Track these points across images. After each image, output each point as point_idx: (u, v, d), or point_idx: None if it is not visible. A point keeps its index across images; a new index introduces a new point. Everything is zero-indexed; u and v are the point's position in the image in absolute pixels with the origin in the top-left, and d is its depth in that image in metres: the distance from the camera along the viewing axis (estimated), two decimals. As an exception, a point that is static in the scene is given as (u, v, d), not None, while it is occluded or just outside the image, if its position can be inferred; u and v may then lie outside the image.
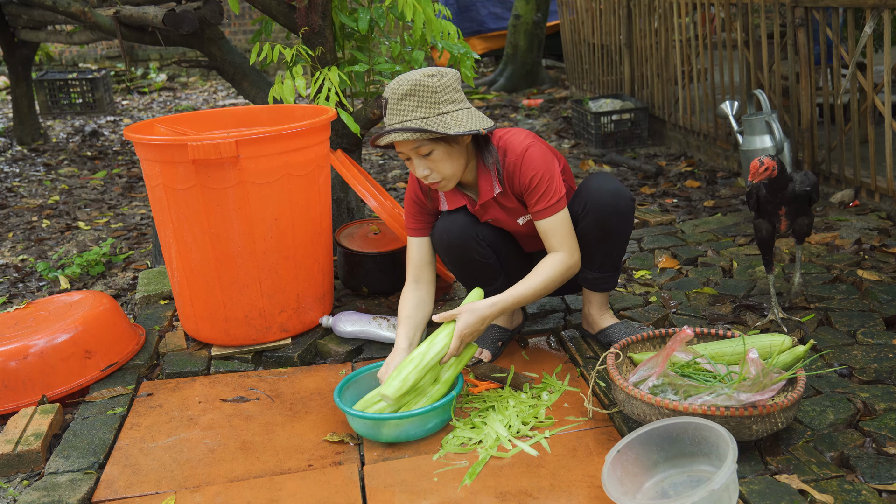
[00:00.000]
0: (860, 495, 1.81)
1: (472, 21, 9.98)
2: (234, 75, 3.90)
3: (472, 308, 2.27)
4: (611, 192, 2.38)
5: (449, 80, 2.24)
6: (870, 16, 3.39)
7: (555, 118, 6.96)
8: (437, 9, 3.43)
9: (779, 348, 2.18)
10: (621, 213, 2.40)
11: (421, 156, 2.26)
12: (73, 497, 2.01)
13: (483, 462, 2.07)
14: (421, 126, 2.19)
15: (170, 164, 2.54)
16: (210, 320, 2.72)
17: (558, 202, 2.31)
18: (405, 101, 2.20)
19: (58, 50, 11.02)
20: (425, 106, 2.20)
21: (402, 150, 2.27)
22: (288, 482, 2.06)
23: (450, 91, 2.24)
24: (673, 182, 4.64)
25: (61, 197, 5.29)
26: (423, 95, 2.20)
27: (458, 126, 2.22)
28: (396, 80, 2.24)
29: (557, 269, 2.33)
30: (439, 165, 2.27)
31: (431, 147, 2.24)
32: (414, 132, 2.19)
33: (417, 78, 2.20)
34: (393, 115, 2.23)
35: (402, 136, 2.19)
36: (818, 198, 2.60)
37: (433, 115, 2.21)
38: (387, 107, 2.24)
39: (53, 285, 3.67)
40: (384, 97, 2.25)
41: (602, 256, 2.46)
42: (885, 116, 3.43)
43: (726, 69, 4.74)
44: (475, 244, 2.44)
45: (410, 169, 2.32)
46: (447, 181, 2.32)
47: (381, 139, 2.23)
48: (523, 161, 2.32)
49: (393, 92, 2.22)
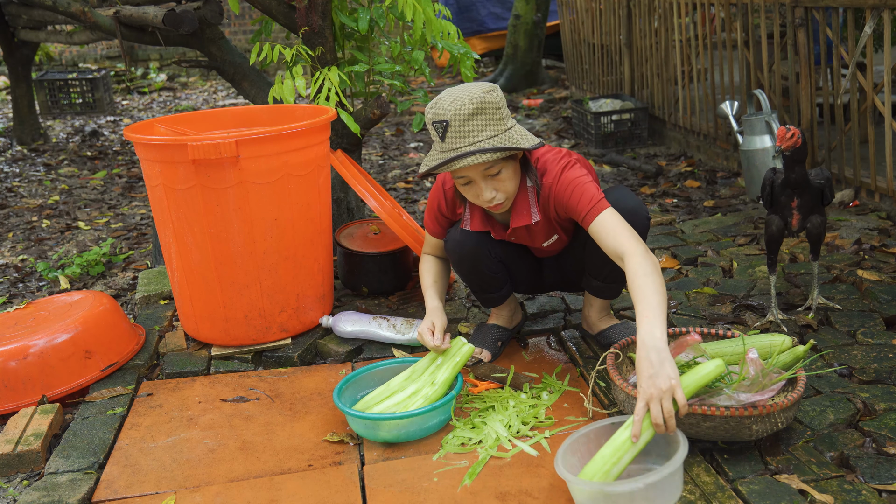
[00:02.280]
0: (860, 495, 1.81)
1: (472, 21, 9.98)
2: (234, 75, 3.90)
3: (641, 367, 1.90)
4: (627, 211, 2.26)
5: (501, 94, 2.15)
6: (870, 16, 3.39)
7: (555, 118, 6.96)
8: (437, 9, 3.43)
9: (778, 348, 2.18)
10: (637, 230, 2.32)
11: (489, 177, 2.16)
12: (73, 497, 2.01)
13: (483, 462, 2.07)
14: (494, 145, 2.09)
15: (170, 164, 2.54)
16: (210, 320, 2.72)
17: (600, 202, 2.19)
18: (473, 121, 2.08)
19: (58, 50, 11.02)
20: (493, 124, 2.10)
21: (465, 174, 2.16)
22: (288, 482, 2.06)
23: (505, 105, 2.16)
24: (673, 182, 4.65)
25: (61, 197, 5.30)
26: (489, 113, 2.10)
27: (525, 141, 2.15)
28: (452, 99, 2.09)
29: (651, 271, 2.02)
30: (506, 185, 2.19)
31: (501, 166, 2.15)
32: (493, 152, 2.07)
33: (480, 95, 2.09)
34: (459, 138, 2.09)
35: (483, 158, 2.06)
36: (832, 196, 2.57)
37: (502, 132, 2.12)
38: (448, 129, 2.09)
39: (53, 285, 3.68)
40: (444, 119, 2.09)
41: (611, 268, 2.41)
42: (885, 116, 3.43)
43: (726, 69, 4.74)
44: (486, 259, 2.44)
45: (468, 194, 2.22)
46: (509, 200, 2.24)
47: (451, 165, 2.09)
48: (560, 181, 2.24)
49: (456, 113, 2.07)
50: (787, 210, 2.58)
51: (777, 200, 2.60)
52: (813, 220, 2.59)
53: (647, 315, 1.93)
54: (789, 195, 2.56)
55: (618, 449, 1.83)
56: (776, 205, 2.61)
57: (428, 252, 2.58)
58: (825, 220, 2.61)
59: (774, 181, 2.58)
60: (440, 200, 2.44)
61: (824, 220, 2.60)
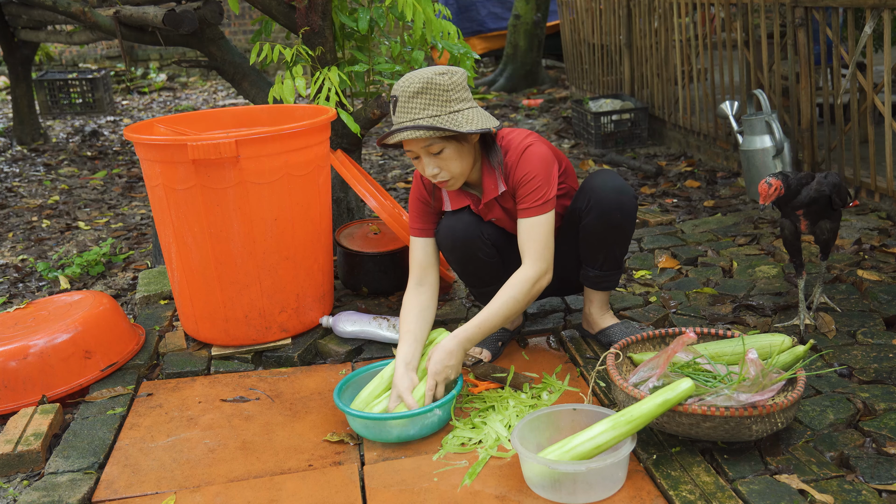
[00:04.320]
0: (860, 495, 1.81)
1: (472, 21, 9.98)
2: (234, 75, 3.90)
3: (439, 347, 2.27)
4: (615, 189, 2.38)
5: (459, 78, 2.23)
6: (870, 16, 3.39)
7: (555, 118, 6.96)
8: (437, 9, 3.43)
9: (778, 348, 2.18)
10: (625, 209, 2.40)
11: (431, 154, 2.24)
12: (73, 497, 2.01)
13: (483, 462, 2.07)
14: (433, 124, 2.18)
15: (170, 164, 2.54)
16: (210, 320, 2.72)
17: (543, 205, 2.29)
18: (417, 100, 2.19)
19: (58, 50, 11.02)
20: (437, 104, 2.19)
21: (411, 149, 2.26)
22: (288, 482, 2.06)
23: (460, 89, 2.23)
24: (673, 182, 4.64)
25: (61, 197, 5.30)
26: (434, 93, 2.19)
27: (470, 124, 2.21)
28: (406, 77, 2.22)
29: (521, 288, 2.28)
30: (449, 164, 2.26)
31: (442, 145, 2.22)
32: (426, 130, 2.17)
33: (429, 76, 2.19)
34: (403, 113, 2.21)
35: (415, 134, 2.17)
36: (843, 201, 2.53)
37: (445, 114, 2.20)
38: (396, 105, 2.22)
39: (53, 285, 3.68)
40: (394, 95, 2.23)
41: (605, 254, 2.46)
42: (885, 116, 3.43)
43: (726, 69, 4.74)
44: (480, 243, 2.44)
45: (418, 168, 2.31)
46: (455, 180, 2.31)
47: (391, 137, 2.21)
48: (521, 159, 2.32)
49: (404, 90, 2.19)
50: (794, 217, 2.56)
51: (783, 209, 2.58)
52: (822, 225, 2.55)
53: (470, 323, 2.28)
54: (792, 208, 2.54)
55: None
56: (783, 212, 2.59)
57: (413, 279, 2.46)
58: (837, 224, 2.57)
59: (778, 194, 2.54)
60: (420, 189, 2.48)
61: (835, 226, 2.57)
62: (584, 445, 1.91)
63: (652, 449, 2.04)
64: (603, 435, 1.92)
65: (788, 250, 2.63)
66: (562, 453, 1.91)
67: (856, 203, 3.70)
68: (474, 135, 2.28)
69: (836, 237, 2.60)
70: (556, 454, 1.91)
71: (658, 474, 1.94)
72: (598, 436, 1.92)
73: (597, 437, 1.92)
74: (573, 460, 1.89)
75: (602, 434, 1.92)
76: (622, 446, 1.92)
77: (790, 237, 2.59)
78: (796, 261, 2.64)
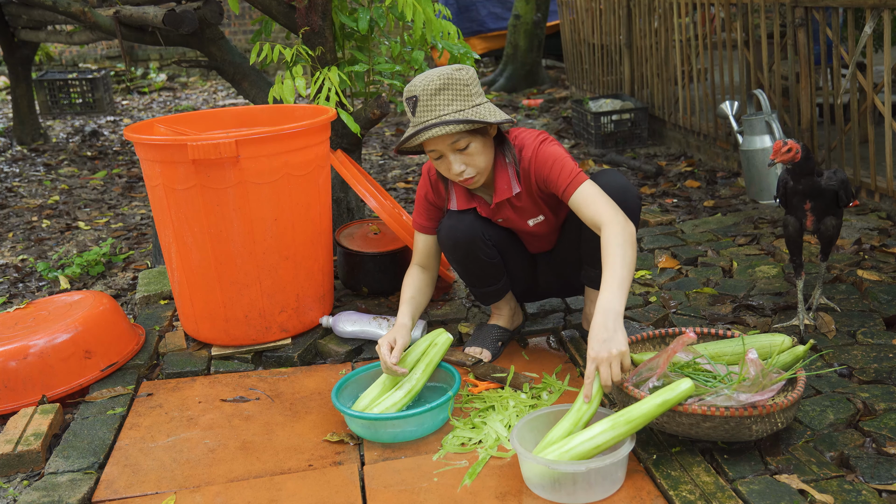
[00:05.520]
0: (860, 495, 1.81)
1: (472, 21, 9.98)
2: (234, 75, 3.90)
3: (595, 331, 2.01)
4: (619, 188, 2.36)
5: (473, 73, 2.23)
6: (870, 16, 3.39)
7: (555, 118, 6.96)
8: (437, 9, 3.43)
9: (778, 348, 2.18)
10: (629, 208, 2.38)
11: (457, 151, 2.23)
12: (73, 497, 2.01)
13: (483, 462, 2.07)
14: (459, 118, 2.16)
15: (170, 164, 2.54)
16: (210, 320, 2.72)
17: (579, 175, 2.26)
18: (439, 96, 2.17)
19: (58, 50, 11.02)
20: (460, 99, 2.18)
21: (436, 148, 2.23)
22: (288, 482, 2.06)
23: (475, 84, 2.23)
24: (673, 182, 4.64)
25: (61, 197, 5.30)
26: (456, 88, 2.18)
27: (493, 116, 2.21)
28: (422, 77, 2.19)
29: (623, 242, 2.11)
30: (476, 159, 2.25)
31: (469, 140, 2.21)
32: (458, 124, 2.15)
33: (447, 72, 2.18)
34: (427, 112, 2.18)
35: (445, 130, 2.15)
36: (849, 199, 2.53)
37: (468, 108, 2.19)
38: (417, 104, 2.19)
39: (53, 285, 3.68)
40: (411, 95, 2.20)
41: None
42: (885, 116, 3.43)
43: (726, 69, 4.74)
44: (481, 243, 2.44)
45: (441, 169, 2.29)
46: (481, 175, 2.30)
47: (417, 138, 2.17)
48: (538, 154, 2.31)
49: (424, 88, 2.17)
50: (801, 212, 2.55)
51: (790, 202, 2.57)
52: (827, 221, 2.55)
53: (611, 286, 2.06)
54: (802, 198, 2.53)
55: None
56: (790, 206, 2.58)
57: (416, 262, 2.55)
58: (840, 222, 2.57)
59: (787, 183, 2.55)
60: (427, 189, 2.48)
61: (839, 223, 2.57)
62: (584, 445, 1.91)
63: (652, 449, 2.04)
64: (602, 435, 1.92)
65: (790, 248, 2.63)
66: (561, 453, 1.91)
67: (856, 203, 3.70)
68: (493, 130, 2.29)
69: (838, 235, 2.60)
70: (555, 454, 1.91)
71: (658, 474, 1.94)
72: (597, 436, 1.92)
73: (596, 437, 1.92)
74: (572, 460, 1.89)
75: (601, 434, 1.92)
76: (622, 446, 1.93)
77: (794, 234, 2.58)
78: (796, 260, 2.64)
